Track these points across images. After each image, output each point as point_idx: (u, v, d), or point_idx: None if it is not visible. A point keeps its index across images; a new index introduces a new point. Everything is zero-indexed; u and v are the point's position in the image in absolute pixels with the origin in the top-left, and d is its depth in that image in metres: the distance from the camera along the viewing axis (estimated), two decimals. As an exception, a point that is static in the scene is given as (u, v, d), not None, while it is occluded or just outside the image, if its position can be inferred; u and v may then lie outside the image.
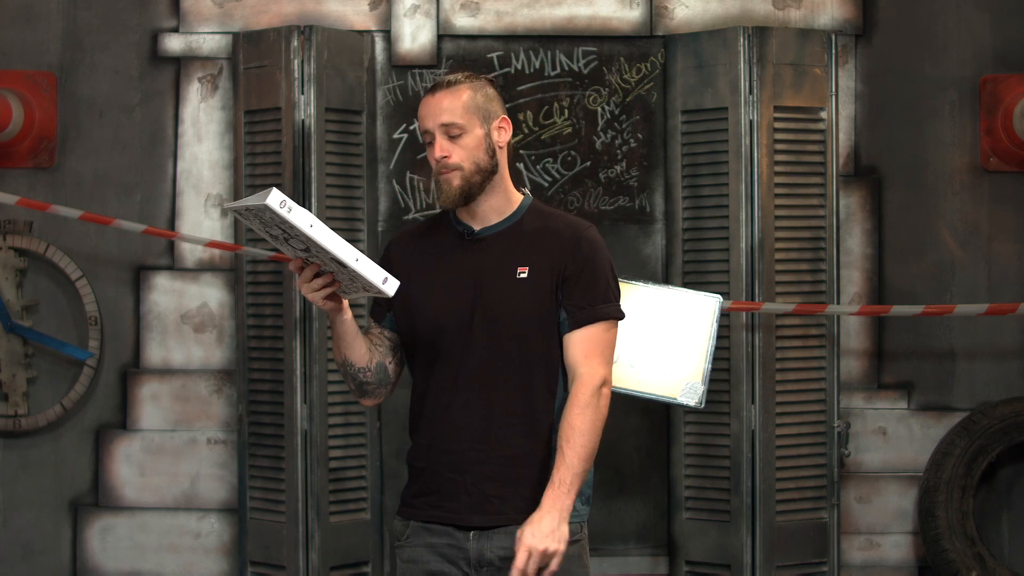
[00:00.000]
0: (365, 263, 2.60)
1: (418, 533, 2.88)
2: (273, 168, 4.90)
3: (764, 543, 4.79)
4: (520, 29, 5.16)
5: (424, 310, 2.85)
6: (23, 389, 5.15)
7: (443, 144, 2.82)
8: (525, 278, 2.81)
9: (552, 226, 2.88)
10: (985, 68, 5.23)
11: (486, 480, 2.81)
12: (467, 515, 2.82)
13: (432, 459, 2.86)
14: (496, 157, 2.88)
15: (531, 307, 2.81)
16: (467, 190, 2.83)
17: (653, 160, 5.16)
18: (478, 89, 2.87)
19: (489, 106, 2.88)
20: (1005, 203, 5.24)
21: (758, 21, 5.13)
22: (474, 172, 2.83)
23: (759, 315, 4.80)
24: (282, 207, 2.52)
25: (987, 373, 5.22)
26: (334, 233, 2.57)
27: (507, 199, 2.91)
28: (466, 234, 2.89)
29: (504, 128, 2.90)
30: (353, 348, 2.85)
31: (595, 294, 2.83)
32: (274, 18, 5.15)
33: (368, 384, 2.91)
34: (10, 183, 5.11)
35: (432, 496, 2.86)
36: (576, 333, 2.81)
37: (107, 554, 5.17)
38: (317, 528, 4.80)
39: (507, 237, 2.87)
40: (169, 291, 5.18)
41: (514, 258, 2.84)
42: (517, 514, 2.77)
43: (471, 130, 2.83)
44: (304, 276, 2.70)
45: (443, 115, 2.82)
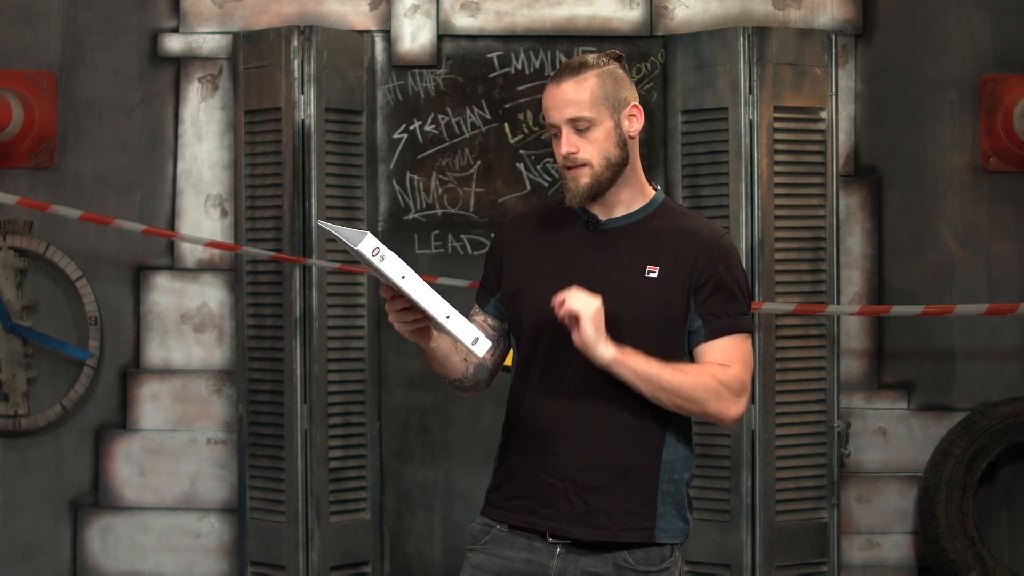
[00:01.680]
0: (457, 321, 2.40)
1: (499, 542, 2.66)
2: (273, 168, 4.90)
3: (764, 543, 4.79)
4: (520, 29, 5.16)
5: (535, 303, 2.61)
6: (23, 389, 5.15)
7: (571, 139, 2.58)
8: (655, 278, 2.59)
9: (687, 226, 2.64)
10: (985, 68, 5.23)
11: (589, 490, 2.57)
12: (568, 525, 2.58)
13: (532, 459, 2.62)
14: (627, 148, 2.62)
15: (657, 309, 2.58)
16: (596, 188, 2.60)
17: (653, 160, 5.15)
18: (606, 75, 2.60)
19: (618, 93, 2.60)
20: (1005, 203, 5.24)
21: (758, 21, 5.13)
22: (604, 168, 2.59)
23: (759, 315, 4.80)
24: (374, 255, 2.34)
25: (987, 373, 5.22)
26: (427, 287, 2.39)
27: (639, 192, 2.67)
28: (591, 223, 2.65)
29: (636, 116, 2.62)
30: (446, 365, 2.65)
31: (732, 303, 2.60)
32: (274, 18, 5.15)
33: (466, 388, 2.72)
34: (10, 183, 5.11)
35: (528, 500, 2.62)
36: (715, 343, 2.60)
37: (107, 554, 5.17)
38: (317, 528, 4.80)
39: (636, 232, 2.63)
40: (169, 291, 5.18)
41: (643, 255, 2.61)
42: (621, 531, 2.58)
43: (600, 122, 2.58)
44: (393, 305, 2.47)
45: (569, 108, 2.57)
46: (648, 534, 2.60)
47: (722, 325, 2.60)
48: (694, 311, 2.60)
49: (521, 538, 2.63)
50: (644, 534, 2.60)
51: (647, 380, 2.53)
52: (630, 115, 2.62)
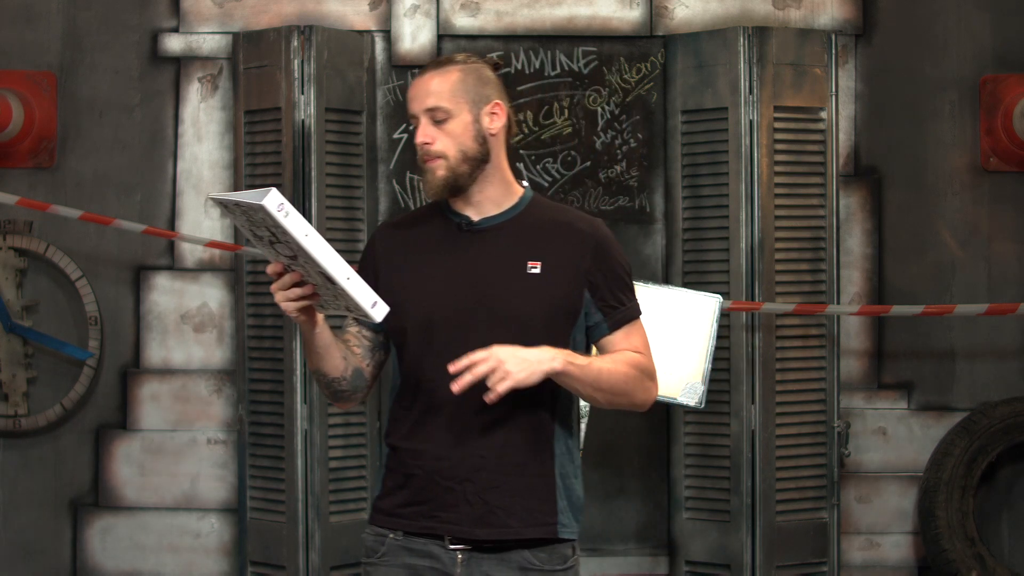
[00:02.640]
0: (356, 283, 2.38)
1: (396, 551, 2.61)
2: (273, 168, 4.90)
3: (764, 543, 4.79)
4: (520, 29, 5.16)
5: (417, 305, 2.59)
6: (23, 389, 5.15)
7: (427, 129, 2.58)
8: (537, 273, 2.58)
9: (562, 219, 2.65)
10: (985, 68, 5.23)
11: (489, 490, 2.55)
12: (468, 528, 2.55)
13: (424, 465, 2.58)
14: (487, 144, 2.63)
15: (542, 303, 2.57)
16: (453, 180, 2.59)
17: (653, 160, 5.16)
18: (470, 72, 2.62)
19: (482, 89, 2.62)
20: (1005, 203, 5.24)
21: (758, 21, 5.13)
22: (460, 161, 2.59)
23: (759, 315, 4.80)
24: (279, 211, 2.31)
25: (987, 373, 5.22)
26: (329, 246, 2.37)
27: (506, 190, 2.67)
28: (463, 224, 2.64)
29: (497, 114, 2.64)
30: (326, 359, 2.59)
31: (626, 292, 2.64)
32: (274, 18, 5.15)
33: (343, 392, 2.65)
34: (10, 183, 5.11)
35: (424, 505, 2.58)
36: (619, 333, 2.62)
37: (107, 554, 5.17)
38: (317, 528, 4.80)
39: (511, 229, 2.63)
40: (169, 291, 5.18)
41: (521, 252, 2.60)
42: (524, 527, 2.56)
43: (458, 115, 2.59)
44: (282, 282, 2.45)
45: (429, 98, 2.58)
46: (551, 529, 2.59)
47: (621, 316, 2.63)
48: (590, 305, 2.61)
49: (418, 544, 2.59)
50: (546, 530, 2.59)
51: (590, 384, 2.54)
52: (491, 112, 2.63)
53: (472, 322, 2.57)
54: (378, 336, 2.70)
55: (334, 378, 2.63)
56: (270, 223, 2.35)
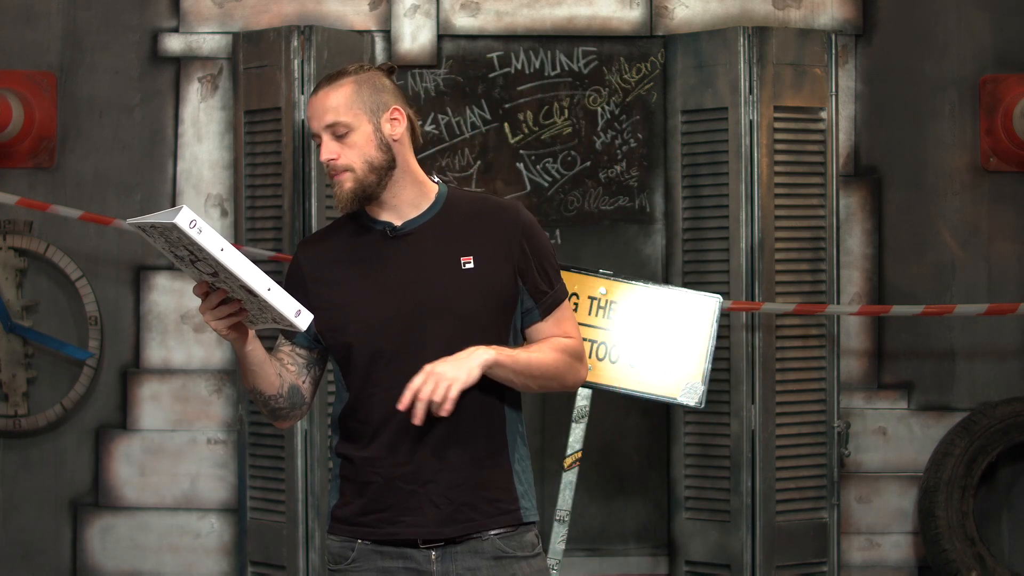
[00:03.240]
0: (277, 293, 2.37)
1: (367, 556, 2.61)
2: (273, 168, 4.90)
3: (764, 543, 4.79)
4: (520, 29, 5.16)
5: (356, 318, 2.59)
6: (23, 389, 5.15)
7: (330, 146, 2.59)
8: (472, 268, 2.60)
9: (482, 209, 2.67)
10: (985, 68, 5.23)
11: (454, 488, 2.57)
12: (436, 528, 2.57)
13: (385, 473, 2.58)
14: (392, 151, 2.61)
15: (483, 296, 2.59)
16: (362, 191, 2.59)
17: (653, 160, 5.16)
18: (364, 82, 2.61)
19: (377, 98, 2.61)
20: (1005, 203, 5.24)
21: (758, 21, 5.13)
22: (368, 172, 2.59)
23: (759, 315, 4.80)
24: (191, 227, 2.29)
25: (987, 373, 5.22)
26: (246, 259, 2.35)
27: (421, 191, 2.65)
28: (388, 230, 2.63)
29: (398, 119, 2.62)
30: (261, 377, 2.58)
31: (553, 275, 2.67)
32: (274, 18, 5.15)
33: (281, 409, 2.65)
34: (10, 183, 5.11)
35: (387, 512, 2.58)
36: (550, 319, 2.66)
37: (107, 554, 5.17)
38: (317, 528, 4.80)
39: (436, 228, 2.63)
40: (169, 291, 5.18)
41: (452, 249, 2.61)
42: (488, 519, 2.59)
43: (358, 127, 2.59)
44: (208, 302, 2.43)
45: (327, 115, 2.58)
46: (515, 516, 2.63)
47: (551, 300, 2.66)
48: (523, 291, 2.64)
49: (388, 547, 2.60)
50: (511, 516, 2.62)
51: (521, 373, 2.57)
52: (391, 119, 2.62)
53: (417, 325, 2.58)
54: (312, 353, 2.70)
55: (270, 395, 2.63)
56: (186, 241, 2.33)
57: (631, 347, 4.08)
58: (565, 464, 4.10)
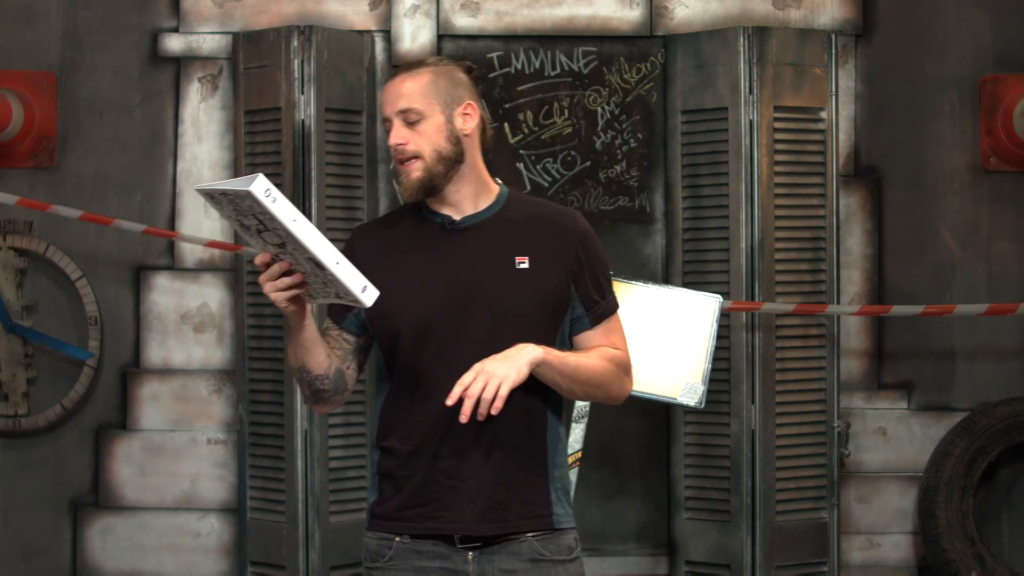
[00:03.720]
0: (345, 267, 2.38)
1: (404, 555, 2.61)
2: (273, 168, 4.90)
3: (764, 543, 4.79)
4: (520, 29, 5.16)
5: (408, 307, 2.60)
6: (23, 389, 5.15)
7: (400, 131, 2.60)
8: (527, 268, 2.60)
9: (543, 214, 2.68)
10: (985, 68, 5.23)
11: (492, 486, 2.57)
12: (473, 525, 2.57)
13: (425, 467, 2.59)
14: (461, 145, 2.62)
15: (535, 297, 2.60)
16: (428, 181, 2.61)
17: (653, 160, 5.16)
18: (443, 73, 2.63)
19: (453, 91, 2.63)
20: (1005, 203, 5.24)
21: (758, 21, 5.13)
22: (436, 161, 2.60)
23: (759, 315, 4.80)
24: (267, 196, 2.29)
25: (987, 373, 5.22)
26: (317, 231, 2.36)
27: (484, 189, 2.67)
28: (446, 224, 2.64)
29: (470, 115, 2.64)
30: (312, 354, 2.60)
31: (606, 285, 2.68)
32: (274, 18, 5.15)
33: (324, 392, 2.66)
34: (10, 183, 5.11)
35: (427, 507, 2.59)
36: (599, 328, 2.67)
37: (107, 554, 5.17)
38: (317, 528, 4.80)
39: (494, 226, 2.65)
40: (169, 291, 5.18)
41: (509, 248, 2.62)
42: (520, 521, 2.59)
43: (430, 116, 2.60)
44: (271, 272, 2.44)
45: (401, 100, 2.60)
46: (546, 521, 2.62)
47: (602, 310, 2.67)
48: (575, 298, 2.65)
49: (427, 546, 2.60)
50: (543, 521, 2.62)
51: (567, 376, 2.58)
52: (464, 113, 2.64)
53: (467, 319, 2.58)
54: (359, 339, 2.71)
55: (317, 375, 2.63)
56: (257, 210, 2.33)
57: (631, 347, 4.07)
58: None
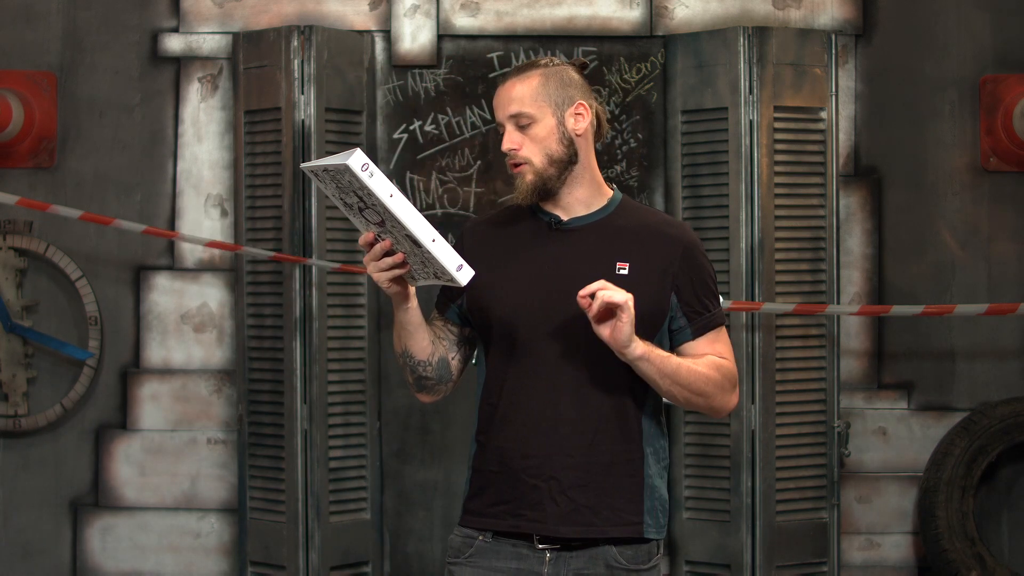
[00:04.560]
0: (441, 246, 2.40)
1: (483, 553, 2.61)
2: (273, 168, 4.90)
3: (764, 543, 4.79)
4: (520, 29, 5.16)
5: (503, 301, 2.61)
6: (23, 389, 5.15)
7: (512, 136, 2.61)
8: (625, 274, 2.57)
9: (651, 222, 2.65)
10: (985, 68, 5.23)
11: (576, 488, 2.56)
12: (554, 526, 2.56)
13: (511, 463, 2.58)
14: (574, 146, 2.62)
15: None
16: (541, 184, 2.61)
17: (653, 160, 5.16)
18: (552, 75, 2.62)
19: (564, 92, 2.62)
20: (1005, 203, 5.24)
21: (758, 21, 5.13)
22: (547, 165, 2.61)
23: (759, 315, 4.80)
24: (364, 171, 2.31)
25: (987, 373, 5.22)
26: (413, 208, 2.37)
27: (596, 191, 2.67)
28: (553, 223, 2.65)
29: (583, 115, 2.63)
30: (415, 339, 2.61)
31: (712, 298, 2.65)
32: (274, 18, 5.15)
33: (427, 379, 2.67)
34: (10, 183, 5.11)
35: (511, 504, 2.58)
36: (703, 339, 2.63)
37: (107, 554, 5.17)
38: (317, 528, 4.80)
39: (600, 230, 2.63)
40: (169, 291, 5.18)
41: (611, 252, 2.60)
42: (609, 527, 2.57)
43: (541, 119, 2.60)
44: (374, 252, 2.47)
45: (511, 105, 2.60)
46: (636, 529, 2.60)
47: (707, 321, 2.64)
48: (676, 309, 2.62)
49: (507, 546, 2.60)
50: (632, 529, 2.60)
51: (668, 376, 2.54)
52: (576, 114, 2.63)
53: (557, 320, 2.58)
54: (462, 331, 2.72)
55: (420, 360, 2.65)
56: (356, 186, 2.35)
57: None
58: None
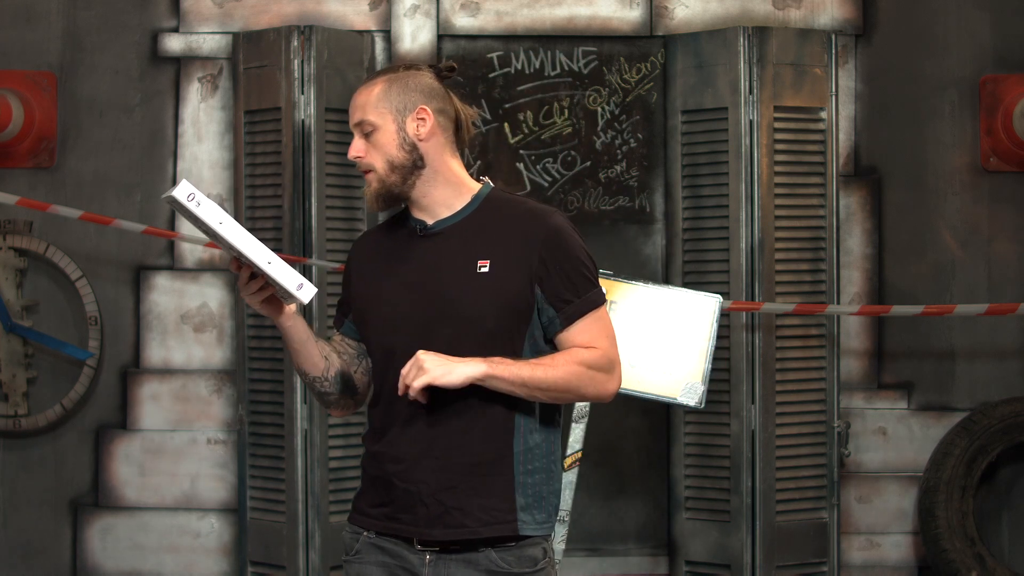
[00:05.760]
0: (278, 266, 2.39)
1: (369, 549, 2.67)
2: (273, 168, 4.90)
3: (764, 543, 4.79)
4: (520, 29, 5.16)
5: (377, 311, 2.64)
6: (23, 389, 5.15)
7: (356, 144, 2.63)
8: (487, 272, 2.57)
9: (511, 215, 2.63)
10: (985, 68, 5.23)
11: (444, 491, 2.57)
12: (426, 528, 2.58)
13: (385, 468, 2.62)
14: (418, 151, 2.62)
15: (492, 302, 2.56)
16: (385, 191, 2.62)
17: (653, 160, 5.16)
18: (395, 80, 2.63)
19: (405, 98, 2.62)
20: (1005, 203, 5.24)
21: (758, 21, 5.13)
22: (389, 171, 2.61)
23: (759, 315, 4.80)
24: (190, 200, 2.27)
25: (987, 373, 5.22)
26: (247, 232, 2.35)
27: (455, 191, 2.66)
28: (419, 229, 2.65)
29: (424, 119, 2.62)
30: (303, 356, 2.65)
31: (580, 283, 2.59)
32: (274, 18, 5.15)
33: (328, 395, 2.72)
34: (10, 183, 5.11)
35: (388, 507, 2.63)
36: (573, 328, 2.59)
37: (107, 554, 5.17)
38: (317, 528, 4.80)
39: (463, 229, 2.63)
40: (169, 291, 5.18)
41: (472, 251, 2.59)
42: (480, 527, 2.57)
43: (383, 126, 2.61)
44: (241, 278, 2.51)
45: (356, 112, 2.63)
46: (510, 527, 2.59)
47: (575, 309, 2.59)
48: (543, 301, 2.59)
49: (389, 543, 2.64)
50: (505, 528, 2.59)
51: (522, 385, 2.54)
52: (417, 119, 2.62)
53: (429, 326, 2.58)
54: (359, 344, 2.75)
55: (314, 377, 2.70)
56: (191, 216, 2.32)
57: (631, 347, 4.07)
58: (565, 464, 4.10)
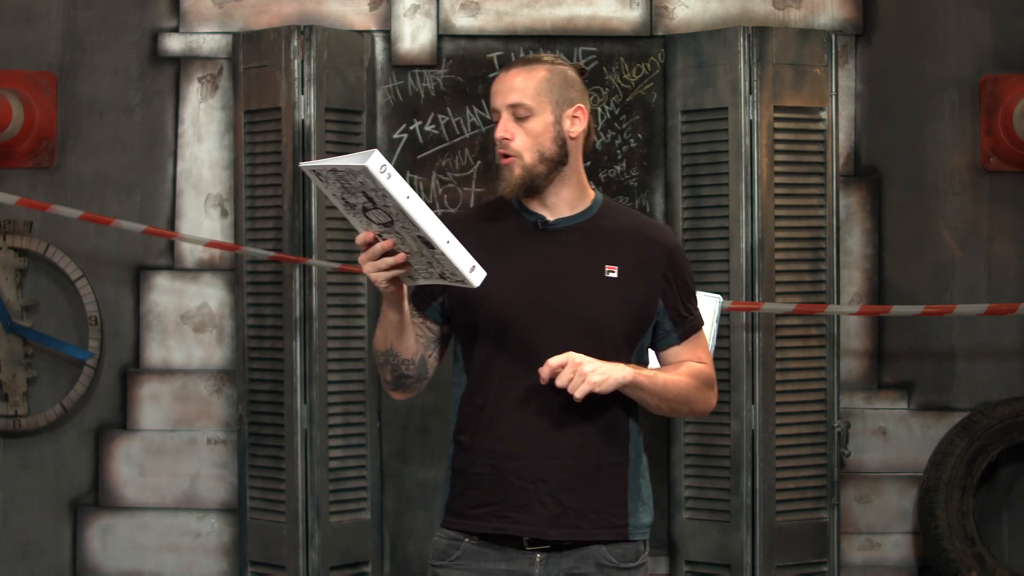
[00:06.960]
0: (456, 247, 2.35)
1: (471, 555, 2.60)
2: (273, 168, 4.90)
3: (764, 543, 4.79)
4: (520, 29, 5.16)
5: (490, 302, 2.56)
6: (23, 389, 5.15)
7: (507, 125, 2.57)
8: (615, 277, 2.58)
9: (635, 225, 2.65)
10: (985, 68, 5.23)
11: (564, 491, 2.55)
12: (543, 528, 2.55)
13: (497, 464, 2.56)
14: (566, 147, 2.60)
15: (619, 308, 2.57)
16: (529, 180, 2.58)
17: (653, 160, 5.16)
18: (556, 72, 2.60)
19: (565, 92, 2.59)
20: (1005, 203, 5.24)
21: (758, 21, 5.13)
22: (537, 162, 2.57)
23: (759, 315, 4.80)
24: (382, 172, 2.26)
25: (987, 373, 5.22)
26: (429, 210, 2.32)
27: (581, 193, 2.64)
28: (539, 223, 2.61)
29: (579, 118, 2.60)
30: (404, 338, 2.57)
31: (693, 301, 2.67)
32: (274, 18, 5.15)
33: (408, 378, 2.63)
34: (10, 183, 5.11)
35: (497, 506, 2.56)
36: (688, 342, 2.65)
37: (107, 554, 5.17)
38: (317, 528, 4.80)
39: (587, 231, 2.61)
40: (169, 291, 5.18)
41: (599, 254, 2.59)
42: (596, 530, 2.57)
43: (540, 114, 2.57)
44: (373, 251, 2.41)
45: (512, 94, 2.57)
46: (621, 531, 2.61)
47: (690, 325, 2.66)
48: (663, 313, 2.63)
49: (493, 549, 2.59)
50: (617, 532, 2.60)
51: (657, 395, 2.56)
52: (573, 116, 2.61)
53: (547, 322, 2.56)
54: (441, 328, 2.69)
55: (404, 359, 2.61)
56: (369, 187, 2.31)
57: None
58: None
